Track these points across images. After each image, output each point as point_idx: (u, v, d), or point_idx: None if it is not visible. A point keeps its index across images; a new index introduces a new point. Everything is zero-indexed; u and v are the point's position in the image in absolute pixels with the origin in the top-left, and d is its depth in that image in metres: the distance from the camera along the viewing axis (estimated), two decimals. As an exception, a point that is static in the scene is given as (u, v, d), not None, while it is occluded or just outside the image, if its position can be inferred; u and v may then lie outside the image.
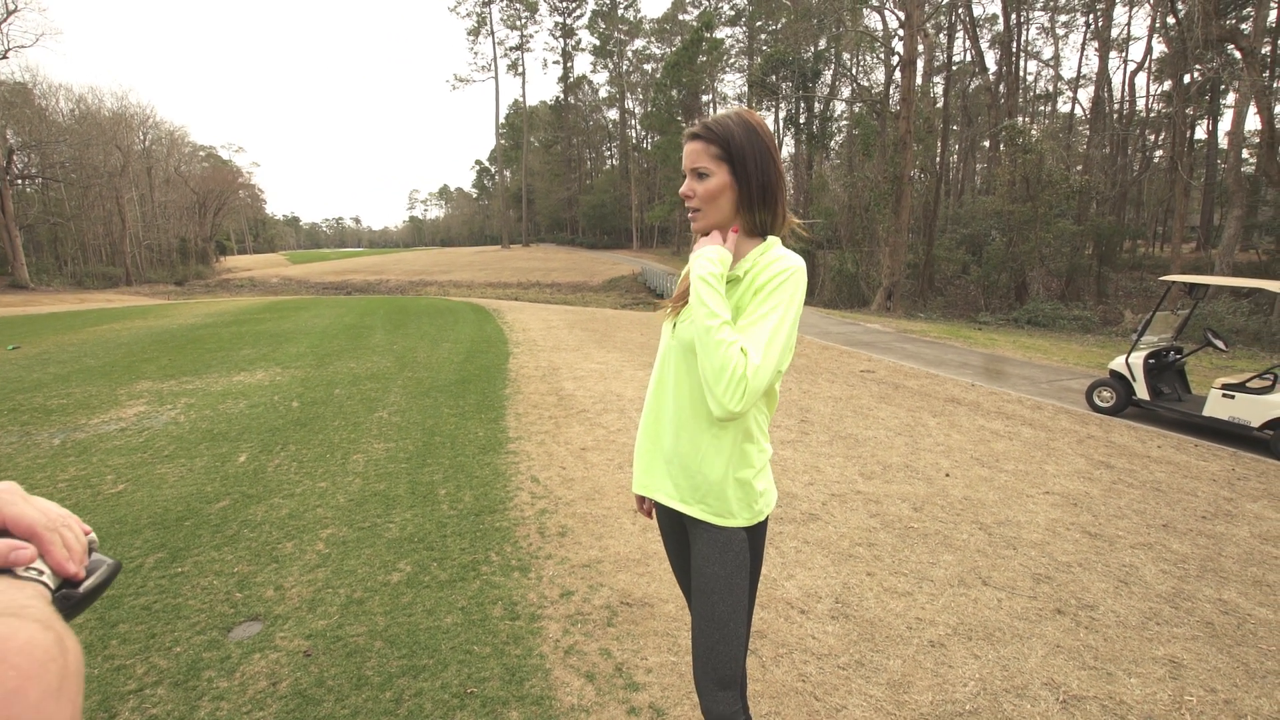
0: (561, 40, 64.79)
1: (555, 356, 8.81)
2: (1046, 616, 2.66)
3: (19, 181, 34.28)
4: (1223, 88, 25.50)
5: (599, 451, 4.64)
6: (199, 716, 1.97)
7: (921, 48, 19.61)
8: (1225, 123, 31.55)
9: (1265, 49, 22.60)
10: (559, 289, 37.63)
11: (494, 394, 6.43)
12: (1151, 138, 32.99)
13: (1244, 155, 23.30)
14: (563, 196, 73.88)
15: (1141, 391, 6.33)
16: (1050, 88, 37.62)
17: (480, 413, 5.69)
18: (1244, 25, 20.38)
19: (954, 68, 34.14)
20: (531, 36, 63.41)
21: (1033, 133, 21.80)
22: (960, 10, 30.25)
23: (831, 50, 31.50)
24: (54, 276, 35.22)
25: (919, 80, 20.93)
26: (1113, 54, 30.68)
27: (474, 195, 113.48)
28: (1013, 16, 30.00)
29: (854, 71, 35.55)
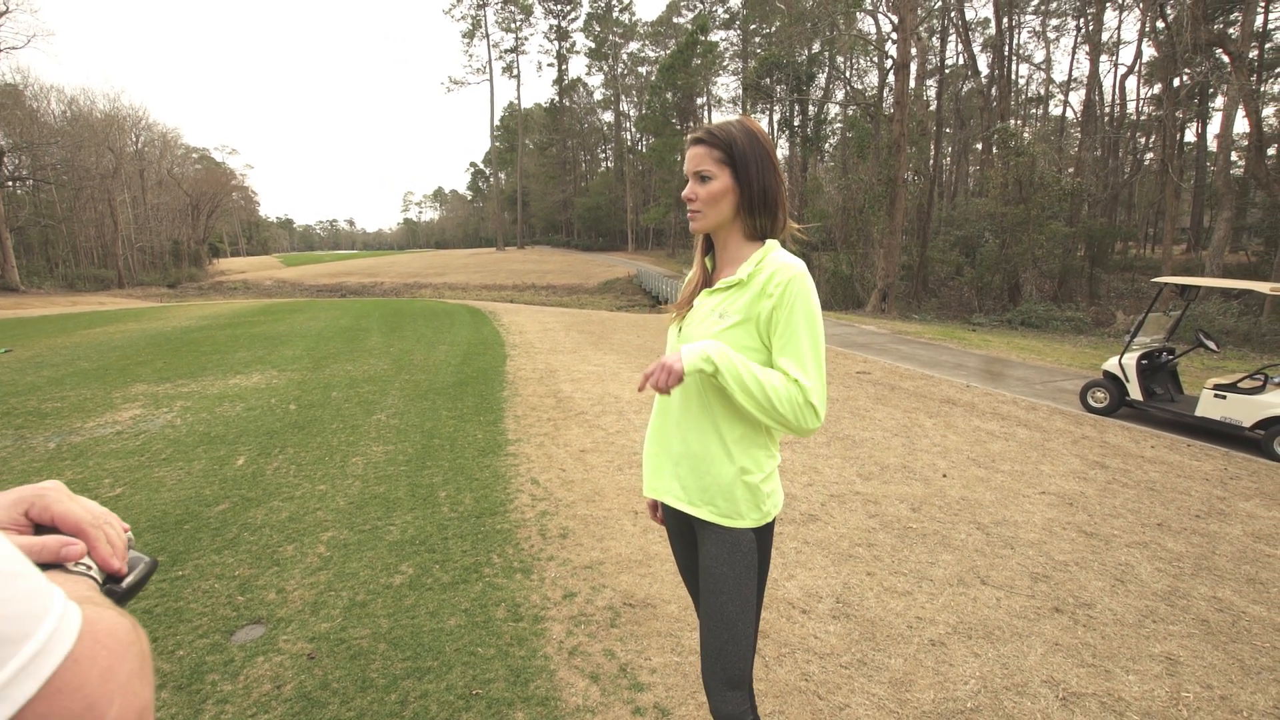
0: (556, 43, 64.92)
1: (552, 359, 8.82)
2: (1045, 615, 2.69)
3: (10, 183, 34.01)
4: (1211, 91, 25.77)
5: (598, 453, 4.65)
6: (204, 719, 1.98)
7: (915, 51, 19.73)
8: (1214, 126, 31.83)
9: (1253, 53, 22.87)
10: (554, 291, 37.63)
11: (492, 396, 6.43)
12: (1142, 140, 33.33)
13: (1233, 158, 23.57)
14: (558, 199, 73.90)
15: (1135, 392, 6.39)
16: (1042, 91, 37.93)
17: (479, 415, 5.69)
18: (1232, 30, 20.62)
19: (947, 71, 34.35)
20: (526, 39, 63.43)
21: (1025, 135, 21.98)
22: (953, 14, 30.48)
23: (826, 53, 31.69)
24: (45, 279, 34.97)
25: (912, 83, 21.05)
26: (1103, 57, 30.99)
27: (469, 197, 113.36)
28: (1004, 20, 30.24)
29: (848, 75, 35.76)
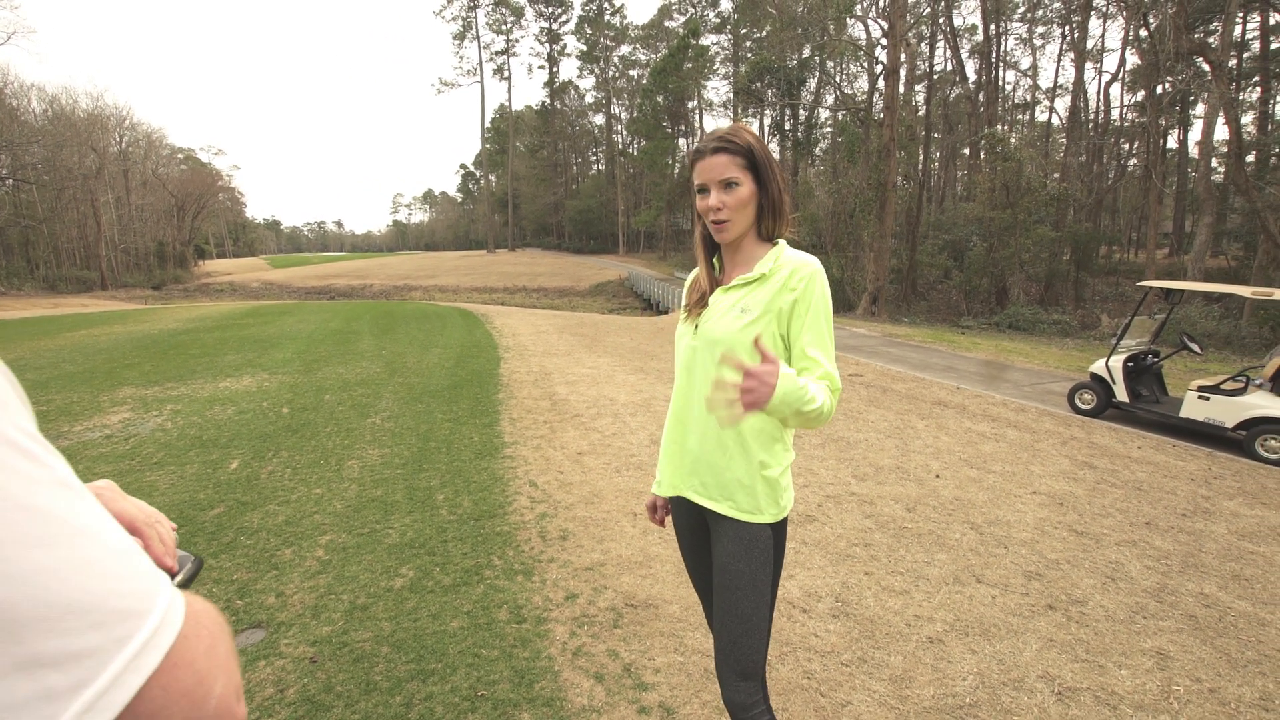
0: (547, 45, 64.93)
1: (546, 361, 8.82)
2: (1039, 612, 2.73)
3: (-10, 183, 33.50)
4: (1192, 99, 26.26)
5: (595, 456, 4.67)
6: (208, 723, 1.97)
7: (904, 57, 19.96)
8: (1195, 133, 32.40)
9: (1232, 62, 23.34)
10: (546, 294, 37.57)
11: (487, 399, 6.43)
12: (1126, 146, 33.85)
13: (1214, 164, 24.00)
14: (549, 201, 73.86)
15: (1121, 394, 6.50)
16: (1028, 97, 38.45)
17: (474, 418, 5.68)
18: (1212, 39, 21.04)
19: (935, 77, 34.75)
20: (517, 41, 63.27)
21: (1012, 141, 22.26)
22: (941, 21, 30.85)
23: (816, 58, 31.93)
24: (25, 280, 34.37)
25: (901, 89, 21.29)
26: (1088, 65, 31.47)
27: (459, 199, 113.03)
28: (992, 27, 30.63)
29: (838, 80, 36.05)
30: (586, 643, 2.40)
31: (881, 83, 22.32)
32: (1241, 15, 23.97)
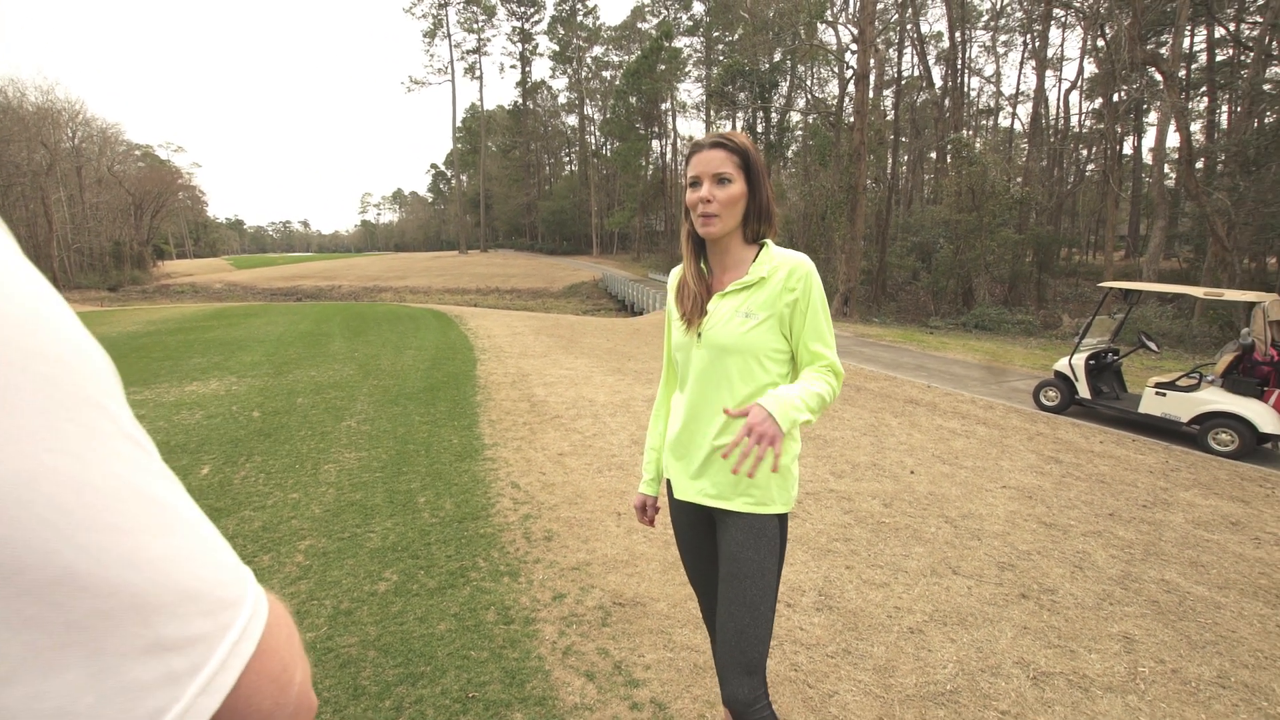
0: (519, 45, 64.55)
1: (523, 363, 8.77)
2: (1013, 601, 2.83)
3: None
4: (1146, 107, 27.35)
5: (577, 456, 4.67)
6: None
7: (873, 62, 20.37)
8: (1149, 139, 33.75)
9: (1182, 73, 24.36)
10: (519, 295, 37.32)
11: (465, 401, 6.37)
12: (1084, 152, 35.12)
13: (1166, 170, 25.04)
14: (521, 202, 73.34)
15: (1084, 391, 6.75)
16: (992, 103, 39.54)
17: (452, 420, 5.63)
18: (1164, 50, 21.93)
19: (903, 82, 35.51)
20: (489, 40, 62.92)
21: (976, 146, 22.90)
22: (909, 27, 31.56)
23: (788, 62, 32.37)
24: (-30, 281, 32.77)
25: (871, 94, 21.72)
26: (1049, 73, 32.51)
27: (429, 200, 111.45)
28: (957, 34, 31.45)
29: (809, 83, 36.61)
30: (576, 641, 2.41)
31: (852, 87, 22.73)
32: (1190, 28, 25.07)
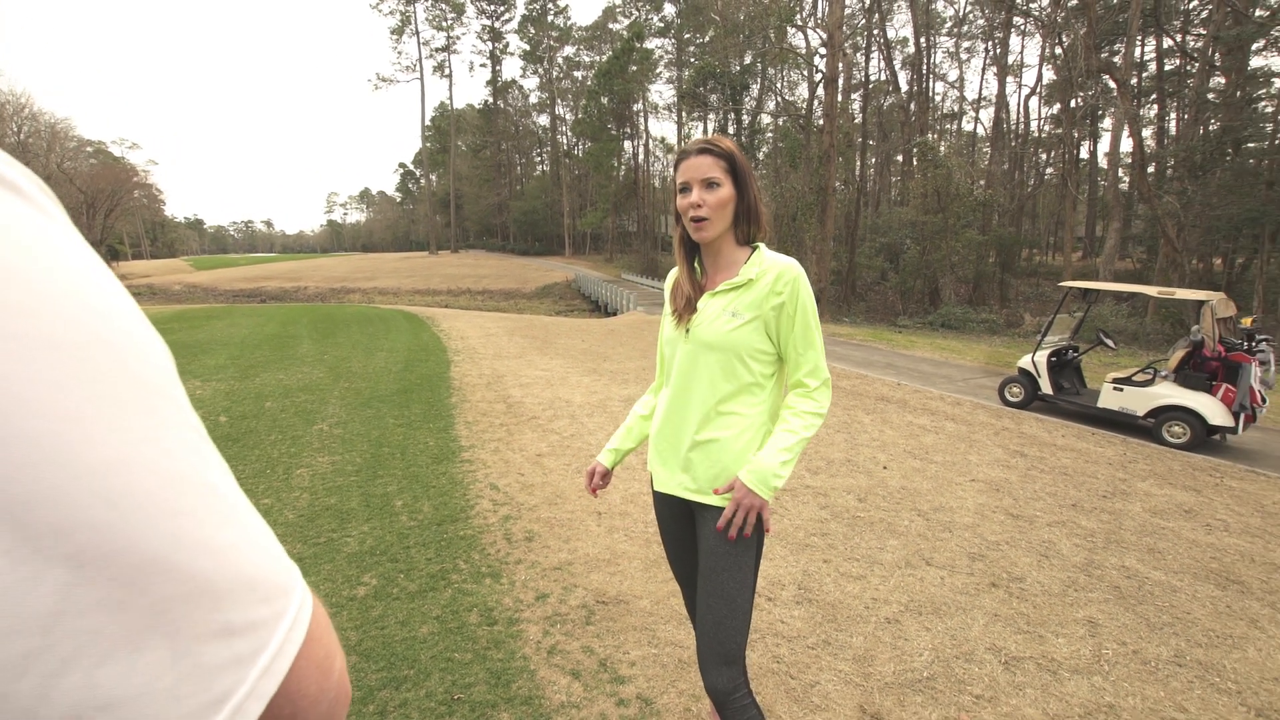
0: (489, 43, 63.92)
1: (498, 364, 8.70)
2: (983, 590, 2.93)
3: None
4: (1101, 113, 28.42)
5: (555, 457, 4.66)
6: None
7: (842, 66, 20.75)
8: (1104, 144, 35.12)
9: (1134, 80, 25.38)
10: (491, 296, 36.95)
11: (440, 403, 6.29)
12: (1044, 156, 36.28)
13: (1120, 174, 26.04)
14: (493, 202, 72.64)
15: (1046, 386, 6.99)
16: (956, 107, 40.65)
17: (428, 422, 5.56)
18: (1117, 58, 22.81)
19: (870, 86, 36.24)
20: (458, 39, 62.06)
21: (941, 149, 23.50)
22: (876, 33, 32.21)
23: (759, 65, 32.73)
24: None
25: (839, 97, 22.12)
26: (1009, 79, 33.56)
27: (398, 199, 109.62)
28: (922, 40, 32.24)
29: (780, 86, 37.08)
30: (560, 640, 2.41)
31: (821, 90, 23.11)
32: (1141, 38, 26.13)
